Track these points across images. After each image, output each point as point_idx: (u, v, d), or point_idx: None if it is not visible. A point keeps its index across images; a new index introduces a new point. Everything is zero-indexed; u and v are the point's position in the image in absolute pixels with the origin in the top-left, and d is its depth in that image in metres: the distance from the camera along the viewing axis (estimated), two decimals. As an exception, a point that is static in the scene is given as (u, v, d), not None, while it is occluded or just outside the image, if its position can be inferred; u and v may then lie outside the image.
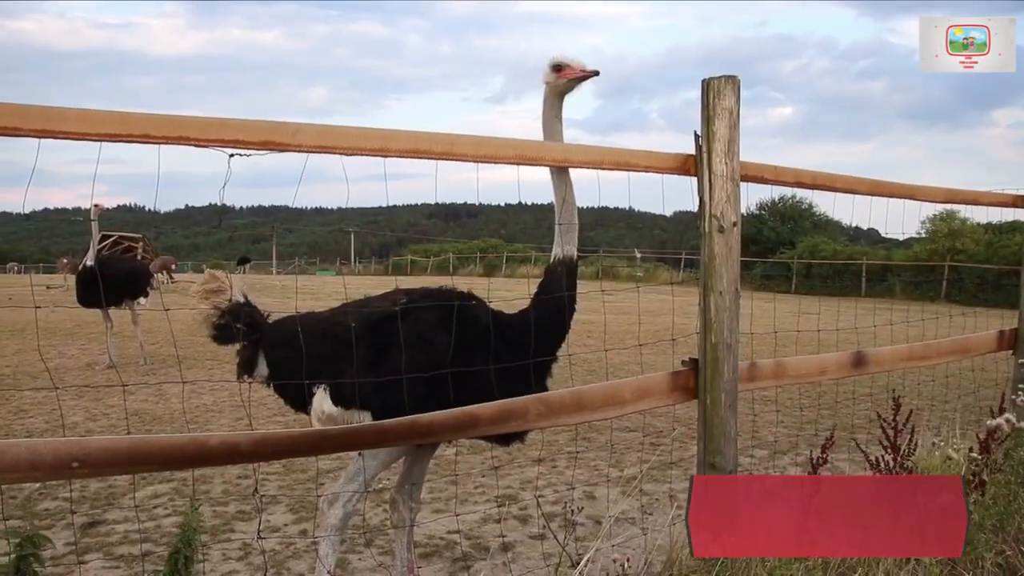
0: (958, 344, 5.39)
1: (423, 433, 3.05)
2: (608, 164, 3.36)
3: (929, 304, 26.60)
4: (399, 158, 2.91)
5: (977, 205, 5.87)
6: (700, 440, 3.58)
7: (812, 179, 4.27)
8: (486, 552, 4.92)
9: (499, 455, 7.01)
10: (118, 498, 5.80)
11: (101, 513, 5.52)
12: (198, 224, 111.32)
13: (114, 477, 5.95)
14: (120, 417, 8.17)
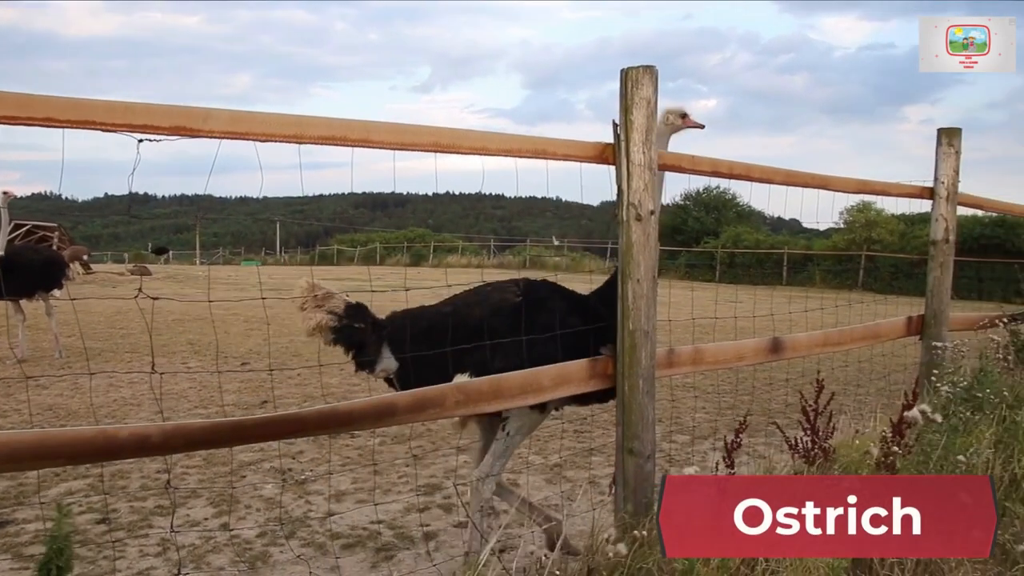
0: (869, 330, 5.54)
1: (342, 422, 3.03)
2: (526, 152, 3.37)
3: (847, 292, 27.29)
4: (314, 144, 2.87)
5: (887, 196, 6.03)
6: (618, 426, 3.62)
7: (729, 168, 4.33)
8: (410, 541, 4.91)
9: (422, 444, 7.00)
10: (29, 496, 5.64)
11: (10, 512, 5.36)
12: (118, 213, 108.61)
13: (24, 474, 5.79)
14: (33, 412, 7.95)
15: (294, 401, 8.67)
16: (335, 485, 5.96)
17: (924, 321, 6.00)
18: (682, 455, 6.58)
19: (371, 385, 9.30)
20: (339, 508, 5.45)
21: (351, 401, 2.99)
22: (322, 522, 5.18)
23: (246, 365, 11.02)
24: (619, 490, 3.68)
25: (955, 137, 5.87)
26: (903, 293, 19.23)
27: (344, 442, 7.03)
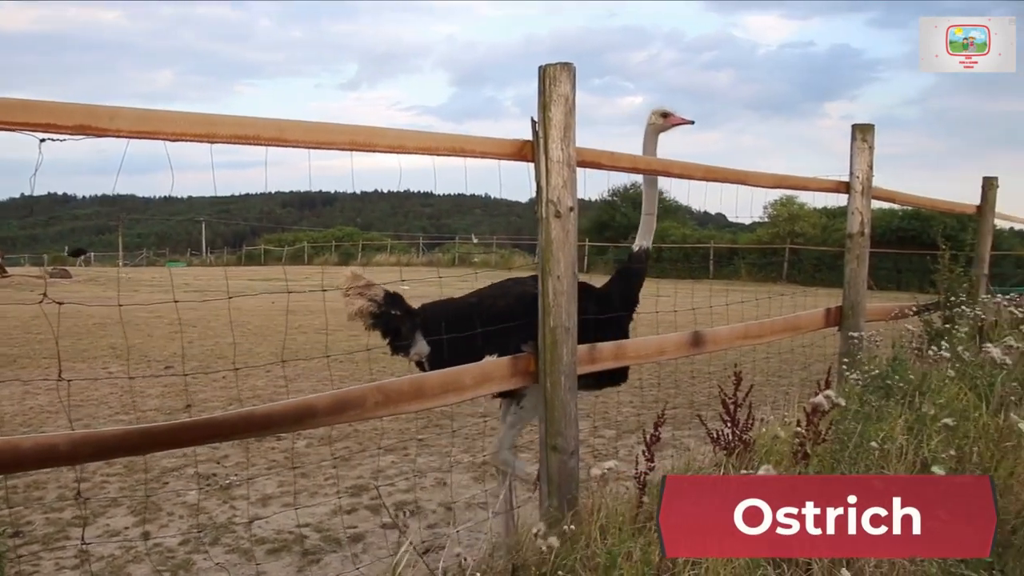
0: (789, 322, 5.64)
1: (260, 426, 2.98)
2: (443, 150, 3.34)
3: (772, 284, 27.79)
4: (226, 144, 2.81)
5: (805, 190, 6.14)
6: (541, 423, 3.62)
7: (648, 165, 4.37)
8: (336, 544, 4.87)
9: (349, 446, 6.94)
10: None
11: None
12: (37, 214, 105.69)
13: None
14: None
15: (219, 404, 8.53)
16: (260, 489, 5.89)
17: (842, 312, 6.12)
18: (608, 449, 6.64)
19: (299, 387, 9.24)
20: (264, 512, 5.38)
21: (269, 404, 2.95)
22: (247, 527, 5.11)
23: (169, 369, 10.81)
24: (543, 487, 3.69)
25: (868, 133, 6.00)
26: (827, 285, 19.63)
27: (270, 445, 6.94)
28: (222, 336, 13.91)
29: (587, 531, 3.31)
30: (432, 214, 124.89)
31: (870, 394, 4.57)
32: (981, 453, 4.19)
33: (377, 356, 4.46)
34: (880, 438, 3.96)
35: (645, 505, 3.38)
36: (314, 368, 10.20)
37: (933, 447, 4.03)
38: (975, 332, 6.70)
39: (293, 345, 12.99)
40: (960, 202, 8.66)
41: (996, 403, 4.79)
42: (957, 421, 4.16)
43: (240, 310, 18.55)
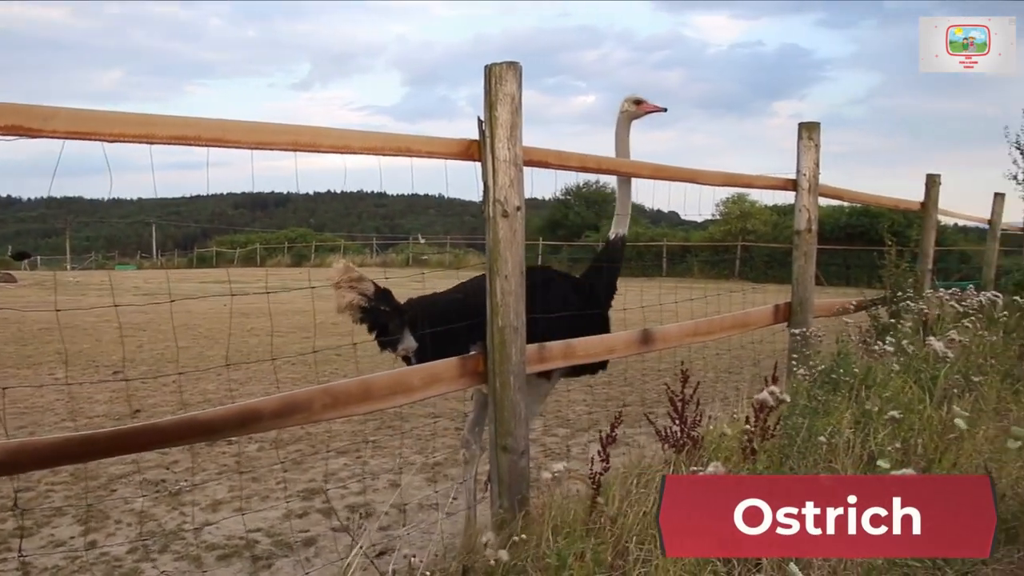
0: (738, 319, 5.68)
1: (204, 431, 2.94)
2: (389, 150, 3.32)
3: (724, 281, 28.06)
4: (166, 145, 2.76)
5: (753, 188, 6.20)
6: (491, 423, 3.61)
7: (597, 164, 4.37)
8: (288, 549, 4.81)
9: (302, 448, 6.88)
10: None
11: None
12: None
13: None
14: None
15: (169, 409, 8.41)
16: (211, 494, 5.81)
17: (791, 308, 6.19)
18: (561, 448, 6.65)
19: (250, 390, 9.14)
20: (215, 518, 5.31)
21: (213, 409, 2.90)
22: (197, 533, 5.03)
23: (118, 374, 10.63)
24: (494, 487, 3.68)
25: (814, 131, 6.07)
26: (778, 281, 19.84)
27: (220, 449, 6.86)
28: (172, 340, 13.72)
29: (538, 531, 3.30)
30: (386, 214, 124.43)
31: (817, 389, 4.62)
32: (925, 445, 4.26)
33: (329, 358, 4.44)
34: (828, 432, 4.01)
35: (599, 505, 3.39)
36: (265, 371, 10.10)
37: (880, 440, 4.08)
38: (919, 326, 6.82)
39: (245, 348, 12.87)
40: (905, 199, 8.81)
41: (940, 396, 4.88)
42: (902, 414, 4.23)
43: (192, 313, 18.32)
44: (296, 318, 15.84)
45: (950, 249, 25.87)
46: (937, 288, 8.52)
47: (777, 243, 33.14)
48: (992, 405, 5.18)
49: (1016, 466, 4.28)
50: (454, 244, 48.21)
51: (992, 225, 11.68)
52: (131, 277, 38.29)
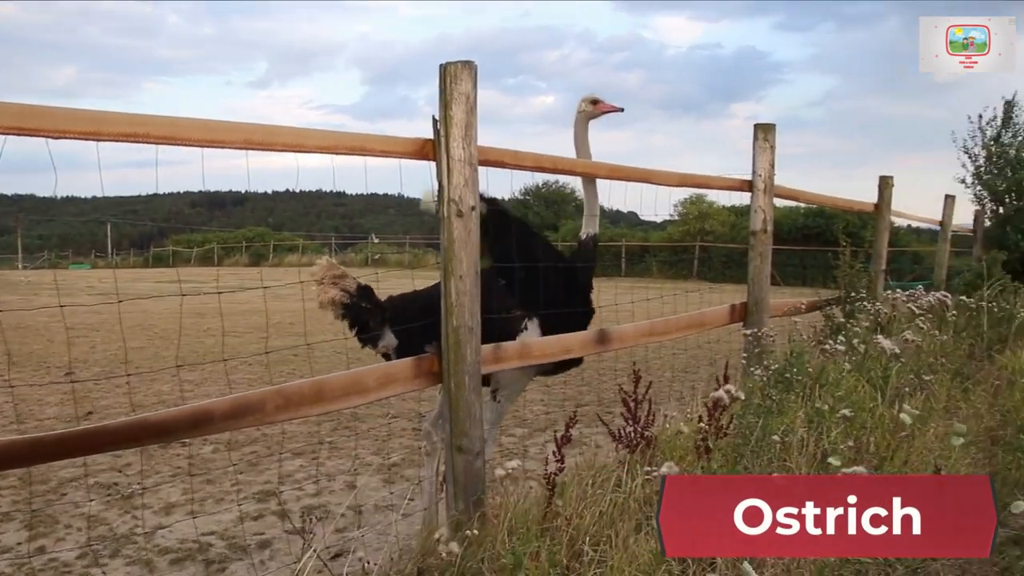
0: (694, 319, 5.72)
1: (155, 433, 2.89)
2: (343, 149, 3.29)
3: (683, 281, 28.25)
4: (114, 142, 2.71)
5: (709, 188, 6.25)
6: (446, 423, 3.60)
7: (552, 164, 4.36)
8: (243, 552, 4.76)
9: (257, 450, 6.82)
10: None
11: None
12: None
13: None
14: None
15: (122, 411, 8.29)
16: (164, 497, 5.74)
17: (747, 308, 6.24)
18: (518, 448, 6.65)
19: (206, 391, 9.04)
20: (168, 521, 5.24)
21: (164, 410, 2.86)
22: (149, 537, 4.96)
23: (70, 375, 10.47)
24: (449, 488, 3.67)
25: (770, 132, 6.12)
26: (736, 281, 20.00)
27: (174, 451, 6.77)
28: (126, 340, 13.54)
29: (494, 532, 3.30)
30: (345, 214, 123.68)
31: (771, 388, 4.66)
32: (877, 443, 4.31)
33: (286, 358, 4.41)
34: (781, 431, 4.04)
35: (554, 505, 3.39)
36: (221, 372, 9.98)
37: (832, 439, 4.13)
38: (875, 326, 6.90)
39: (201, 348, 12.72)
40: (859, 200, 8.92)
41: (892, 394, 4.94)
42: (854, 413, 4.27)
43: (147, 313, 18.10)
44: (253, 318, 15.70)
45: (903, 250, 26.27)
46: (891, 288, 8.65)
47: (735, 243, 33.44)
48: (942, 403, 5.26)
49: (964, 463, 4.35)
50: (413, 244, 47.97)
51: (943, 227, 11.88)
52: (85, 276, 37.73)
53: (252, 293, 4.04)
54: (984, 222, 13.60)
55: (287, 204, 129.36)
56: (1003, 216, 13.51)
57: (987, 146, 14.07)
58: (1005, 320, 7.81)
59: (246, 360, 10.65)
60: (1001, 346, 7.36)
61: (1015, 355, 6.78)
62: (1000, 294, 8.59)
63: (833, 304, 7.56)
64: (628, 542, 3.17)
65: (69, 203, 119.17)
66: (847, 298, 7.54)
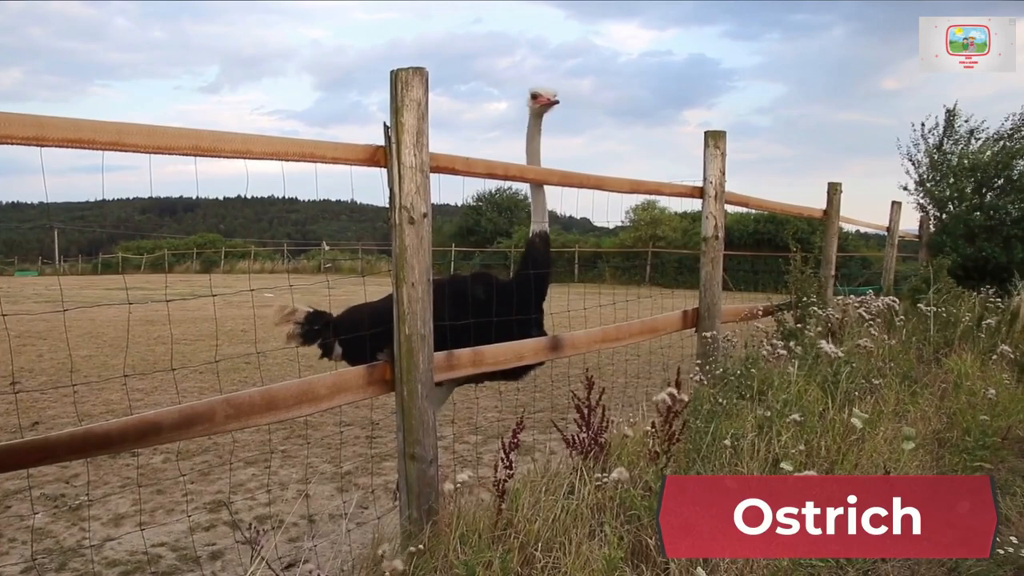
0: (647, 325, 5.75)
1: (99, 445, 2.84)
2: (292, 155, 3.26)
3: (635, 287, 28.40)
4: (58, 148, 2.66)
5: (660, 195, 6.30)
6: (399, 431, 3.58)
7: (504, 170, 4.37)
8: (194, 563, 4.69)
9: (208, 460, 6.73)
10: None
11: None
12: None
13: None
14: None
15: (70, 421, 8.13)
16: (113, 508, 5.64)
17: (699, 314, 6.29)
18: (472, 455, 6.63)
19: (156, 400, 8.91)
20: (117, 533, 5.15)
21: (109, 421, 2.81)
22: (97, 550, 4.87)
23: (16, 384, 10.24)
24: (403, 496, 3.65)
25: (720, 140, 6.18)
26: (688, 287, 20.16)
27: (124, 462, 6.66)
28: (73, 349, 13.30)
29: (446, 541, 3.29)
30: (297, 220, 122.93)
31: (721, 394, 4.70)
32: (828, 447, 4.37)
33: (238, 366, 4.37)
34: (731, 436, 4.08)
35: (504, 512, 3.38)
36: (172, 380, 9.85)
37: (783, 443, 4.17)
38: (826, 331, 7.00)
39: (152, 356, 12.53)
40: (808, 206, 9.03)
41: (842, 399, 5.01)
42: (804, 417, 4.33)
43: (95, 320, 17.79)
44: (205, 325, 15.51)
45: (852, 255, 26.65)
46: (841, 293, 8.77)
47: (687, 249, 33.73)
48: (891, 407, 5.34)
49: (913, 465, 4.42)
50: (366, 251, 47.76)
51: (890, 232, 12.08)
52: (31, 284, 37.03)
53: (203, 300, 3.99)
54: (928, 228, 13.85)
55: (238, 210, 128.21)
56: (945, 222, 13.80)
57: (930, 153, 14.34)
58: (951, 324, 7.96)
59: (197, 368, 10.51)
60: (947, 350, 7.50)
61: (960, 359, 6.92)
62: (946, 299, 8.75)
63: (785, 309, 7.65)
64: (581, 548, 3.18)
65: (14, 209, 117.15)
66: (798, 303, 7.63)
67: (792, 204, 8.87)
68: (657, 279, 34.09)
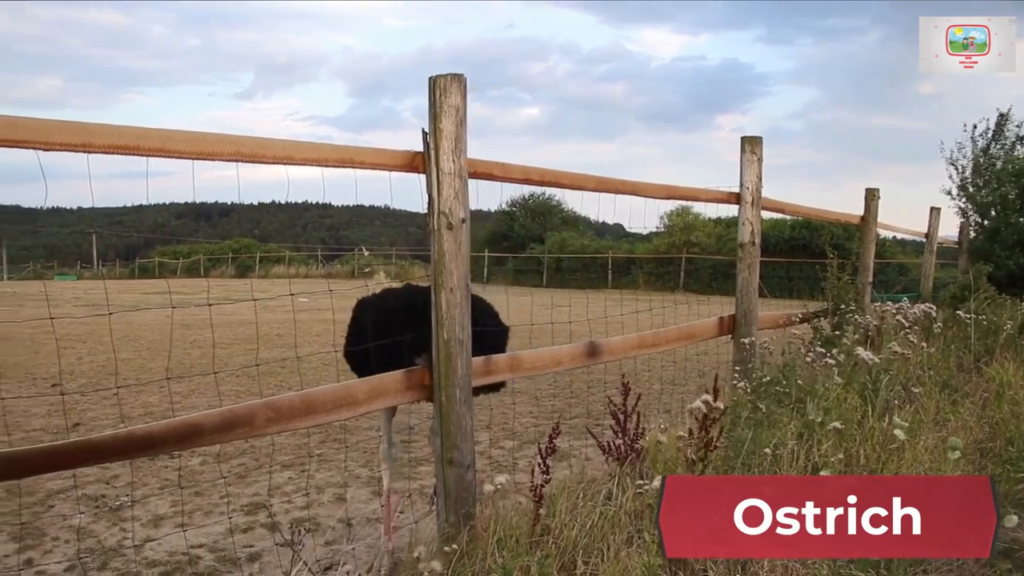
0: (684, 331, 5.73)
1: (142, 447, 2.88)
2: (333, 162, 3.29)
3: (669, 293, 28.28)
4: (104, 154, 2.71)
5: (696, 201, 6.28)
6: (436, 436, 3.59)
7: (540, 176, 4.37)
8: (232, 564, 4.73)
9: (245, 462, 6.79)
10: None
11: None
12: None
13: None
14: None
15: (110, 423, 8.24)
16: (152, 510, 5.70)
17: (735, 321, 6.26)
18: (508, 461, 6.63)
19: (194, 403, 9.01)
20: (156, 534, 5.20)
21: (151, 423, 2.85)
22: (137, 550, 4.92)
23: (57, 387, 10.40)
24: (440, 501, 3.66)
25: (757, 145, 6.15)
26: (722, 293, 20.05)
27: (163, 463, 6.73)
28: (113, 352, 13.47)
29: (484, 546, 3.29)
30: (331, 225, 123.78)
31: (761, 400, 4.67)
32: (868, 456, 4.32)
33: (274, 370, 4.40)
34: (772, 444, 4.05)
35: (542, 518, 3.38)
36: (209, 383, 9.94)
37: (823, 451, 4.14)
38: (863, 339, 6.93)
39: (188, 360, 12.66)
40: (845, 212, 8.97)
41: (881, 407, 4.96)
42: (845, 425, 4.29)
43: (133, 324, 18.00)
44: (240, 329, 15.64)
45: (889, 262, 26.39)
46: (878, 300, 8.68)
47: (721, 255, 33.53)
48: (931, 416, 5.27)
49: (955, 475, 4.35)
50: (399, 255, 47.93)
51: (929, 238, 11.93)
52: (71, 288, 37.55)
53: (238, 304, 4.03)
54: (969, 234, 13.65)
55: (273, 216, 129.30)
56: (989, 229, 13.55)
57: (976, 157, 14.09)
58: (992, 332, 7.85)
59: (234, 372, 10.61)
60: (988, 358, 7.39)
61: (1002, 367, 6.81)
62: (987, 306, 8.64)
63: (821, 316, 7.59)
64: (620, 555, 3.17)
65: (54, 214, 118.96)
66: (835, 310, 7.57)
67: (829, 210, 8.81)
68: (691, 285, 33.91)
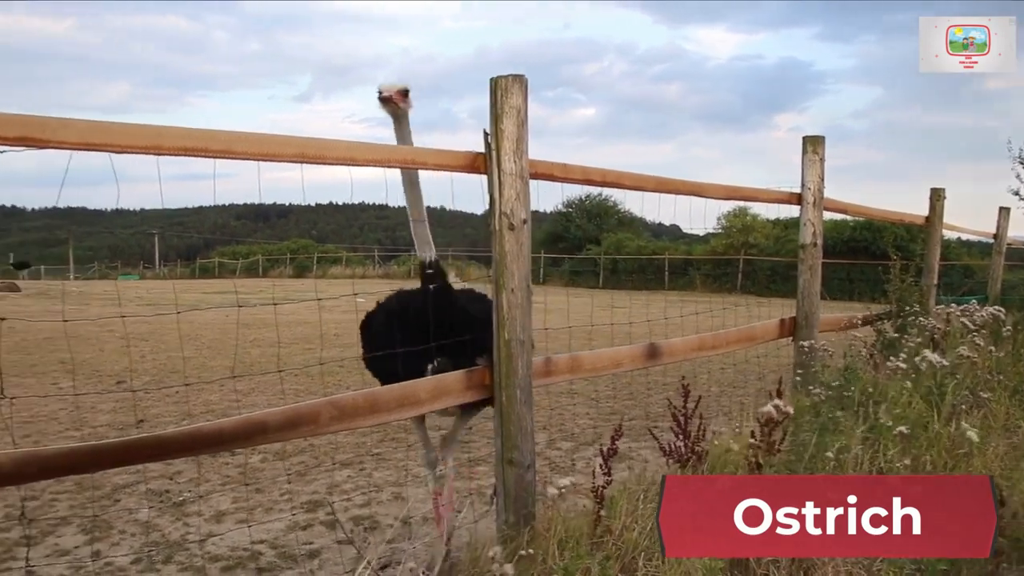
0: (744, 333, 5.67)
1: (209, 443, 2.93)
2: (395, 163, 3.32)
3: (727, 295, 28.01)
4: (173, 156, 2.76)
5: (756, 201, 6.21)
6: (497, 436, 3.60)
7: (601, 176, 4.36)
8: (292, 561, 4.79)
9: (305, 460, 6.87)
10: None
11: None
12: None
13: None
14: None
15: (172, 420, 8.40)
16: (214, 505, 5.79)
17: (796, 323, 6.18)
18: (566, 462, 6.63)
19: (253, 401, 9.13)
20: (219, 529, 5.29)
21: (218, 421, 2.90)
22: (201, 544, 5.01)
23: (121, 384, 10.62)
24: (500, 501, 3.67)
25: (819, 145, 6.07)
26: (780, 295, 19.80)
27: (224, 460, 6.84)
28: (175, 350, 13.72)
29: (544, 546, 3.29)
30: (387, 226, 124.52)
31: (824, 404, 4.60)
32: (934, 462, 4.24)
33: (332, 369, 4.44)
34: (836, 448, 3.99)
35: (603, 519, 3.37)
36: (269, 382, 10.08)
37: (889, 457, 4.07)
38: (928, 342, 6.80)
39: (247, 359, 12.85)
40: (909, 213, 8.80)
41: (948, 412, 4.85)
42: (911, 430, 4.21)
43: (194, 323, 18.33)
44: (299, 329, 15.84)
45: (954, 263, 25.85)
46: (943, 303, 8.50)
47: (780, 257, 33.13)
48: (1001, 422, 5.15)
49: (1025, 483, 4.26)
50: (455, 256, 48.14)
51: (997, 239, 11.66)
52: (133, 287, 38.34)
53: (297, 304, 4.09)
54: (1041, 235, 13.30)
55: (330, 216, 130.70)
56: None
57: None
58: (1065, 336, 7.63)
59: (293, 371, 10.74)
60: (1061, 363, 7.19)
61: (1076, 372, 6.63)
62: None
63: (885, 319, 7.46)
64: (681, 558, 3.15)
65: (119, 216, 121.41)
66: (899, 313, 7.43)
67: (893, 211, 8.65)
68: (749, 287, 33.55)
